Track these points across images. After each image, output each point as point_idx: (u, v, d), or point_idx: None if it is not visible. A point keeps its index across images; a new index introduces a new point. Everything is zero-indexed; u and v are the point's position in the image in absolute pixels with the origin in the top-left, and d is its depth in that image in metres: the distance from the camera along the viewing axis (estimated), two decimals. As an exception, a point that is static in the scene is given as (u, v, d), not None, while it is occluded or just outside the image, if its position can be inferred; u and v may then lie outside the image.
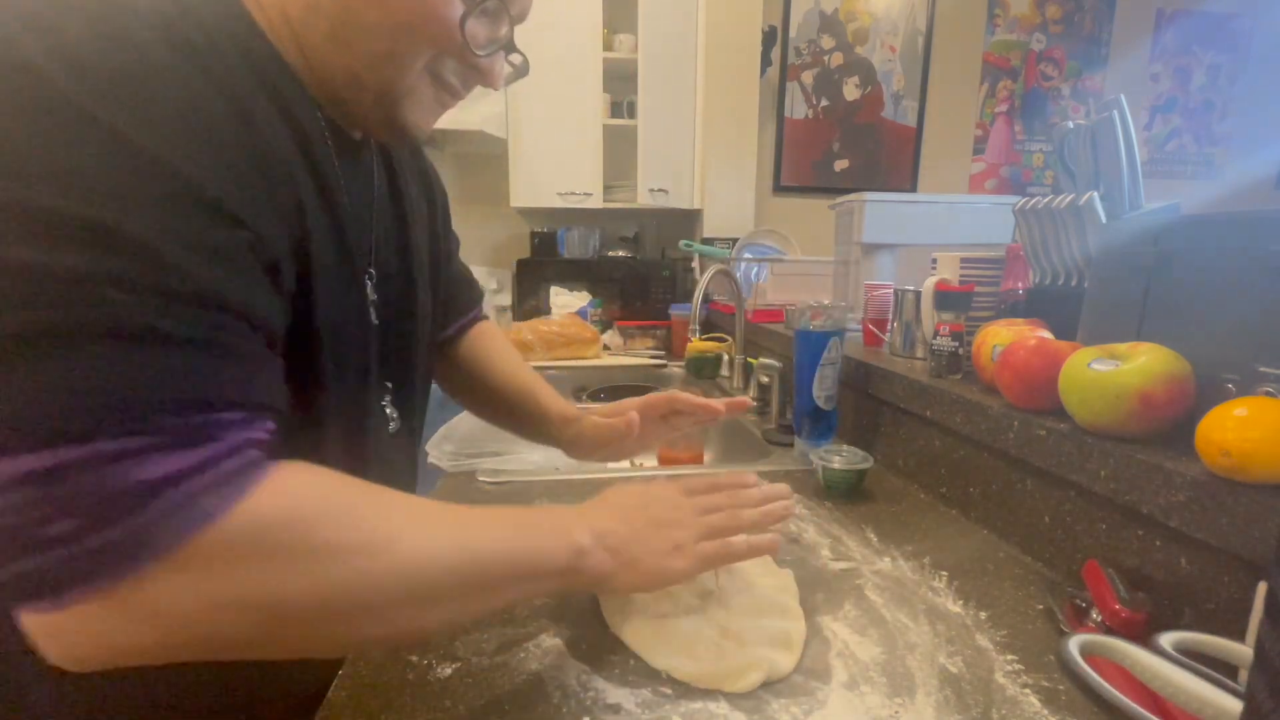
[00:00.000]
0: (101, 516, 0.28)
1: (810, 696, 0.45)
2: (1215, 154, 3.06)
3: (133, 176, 0.31)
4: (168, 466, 0.30)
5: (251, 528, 0.32)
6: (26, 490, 0.27)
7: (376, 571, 0.35)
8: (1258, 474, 0.45)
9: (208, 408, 0.32)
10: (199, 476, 0.31)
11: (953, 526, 0.75)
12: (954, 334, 0.86)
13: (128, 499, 0.29)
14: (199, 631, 0.31)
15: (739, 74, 2.39)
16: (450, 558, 0.39)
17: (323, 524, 0.34)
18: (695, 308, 1.31)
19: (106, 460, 0.28)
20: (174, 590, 0.30)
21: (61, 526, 0.28)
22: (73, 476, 0.28)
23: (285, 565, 0.33)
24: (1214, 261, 0.58)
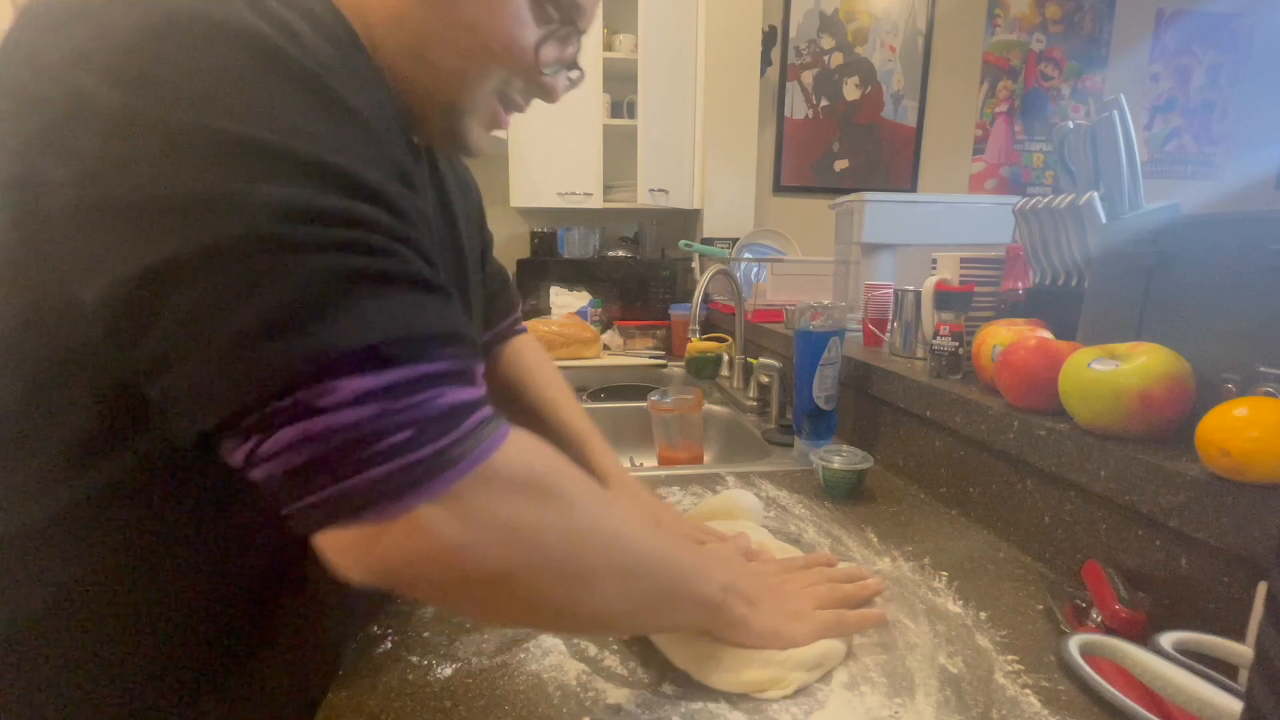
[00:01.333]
0: (432, 428, 0.32)
1: (810, 697, 0.45)
2: (1215, 154, 3.06)
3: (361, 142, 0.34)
4: (464, 395, 0.34)
5: (521, 463, 0.36)
6: (372, 405, 0.31)
7: (600, 527, 0.39)
8: (1258, 474, 0.45)
9: (472, 346, 0.36)
10: (481, 409, 0.35)
11: (953, 526, 0.75)
12: (954, 334, 0.86)
13: (448, 415, 0.33)
14: (481, 554, 0.34)
15: (739, 74, 2.39)
16: (646, 542, 0.42)
17: (566, 476, 0.39)
18: (695, 308, 1.31)
19: (428, 381, 0.32)
20: (471, 506, 0.33)
21: (400, 436, 0.31)
22: (406, 392, 0.32)
23: (548, 501, 0.37)
24: (1214, 261, 0.58)
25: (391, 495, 0.31)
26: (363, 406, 0.30)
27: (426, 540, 0.33)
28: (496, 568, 0.35)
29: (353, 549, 0.32)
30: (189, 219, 0.29)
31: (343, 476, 0.31)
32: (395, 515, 0.32)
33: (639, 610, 0.43)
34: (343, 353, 0.30)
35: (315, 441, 0.30)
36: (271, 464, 0.31)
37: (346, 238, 0.31)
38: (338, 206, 0.31)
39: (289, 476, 0.31)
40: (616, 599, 0.41)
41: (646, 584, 0.42)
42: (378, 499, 0.31)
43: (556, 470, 0.38)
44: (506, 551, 0.35)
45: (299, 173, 0.31)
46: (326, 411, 0.30)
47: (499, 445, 0.35)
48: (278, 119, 0.31)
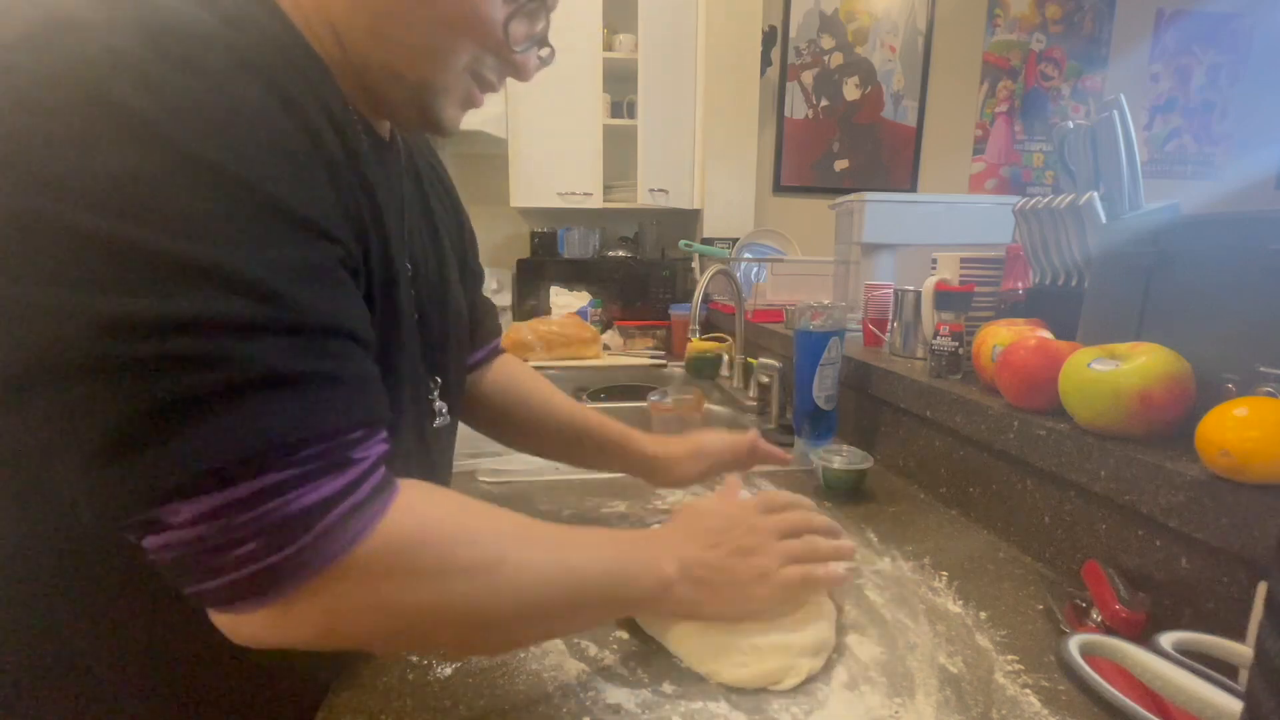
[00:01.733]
0: (277, 538, 0.32)
1: (810, 696, 0.45)
2: (1215, 154, 3.06)
3: (234, 210, 0.32)
4: (321, 492, 0.34)
5: (391, 546, 0.36)
6: (214, 523, 0.31)
7: (494, 587, 0.39)
8: (1258, 474, 0.45)
9: (340, 434, 0.35)
10: (346, 500, 0.35)
11: (953, 526, 0.75)
12: (954, 334, 0.86)
13: (295, 523, 0.33)
14: (349, 631, 0.36)
15: (739, 74, 2.39)
16: (555, 576, 0.42)
17: (449, 543, 0.39)
18: (695, 308, 1.31)
19: (274, 491, 0.32)
20: (330, 599, 0.35)
21: (244, 549, 0.32)
22: (251, 507, 0.32)
23: (420, 579, 0.37)
24: (1214, 261, 0.58)
25: (246, 596, 0.33)
26: (205, 524, 0.31)
27: (290, 629, 0.35)
28: (371, 639, 0.38)
29: (231, 628, 0.35)
30: (33, 329, 0.29)
31: (200, 579, 0.32)
32: (255, 610, 0.33)
33: (565, 628, 0.47)
34: (181, 479, 0.30)
35: (173, 549, 0.32)
36: (151, 556, 0.33)
37: (186, 351, 0.30)
38: (179, 314, 0.30)
39: (165, 568, 0.33)
40: (530, 630, 0.43)
41: (562, 612, 0.43)
42: (236, 599, 0.33)
43: (442, 541, 0.38)
44: (379, 627, 0.37)
45: (141, 275, 0.29)
46: (175, 528, 0.31)
47: (366, 533, 0.35)
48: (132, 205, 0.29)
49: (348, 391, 0.36)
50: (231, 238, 0.31)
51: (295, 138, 0.36)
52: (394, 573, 0.36)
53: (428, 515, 0.39)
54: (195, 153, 0.31)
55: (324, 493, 0.34)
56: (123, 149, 0.30)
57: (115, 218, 0.29)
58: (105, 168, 0.29)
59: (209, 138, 0.31)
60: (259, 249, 0.32)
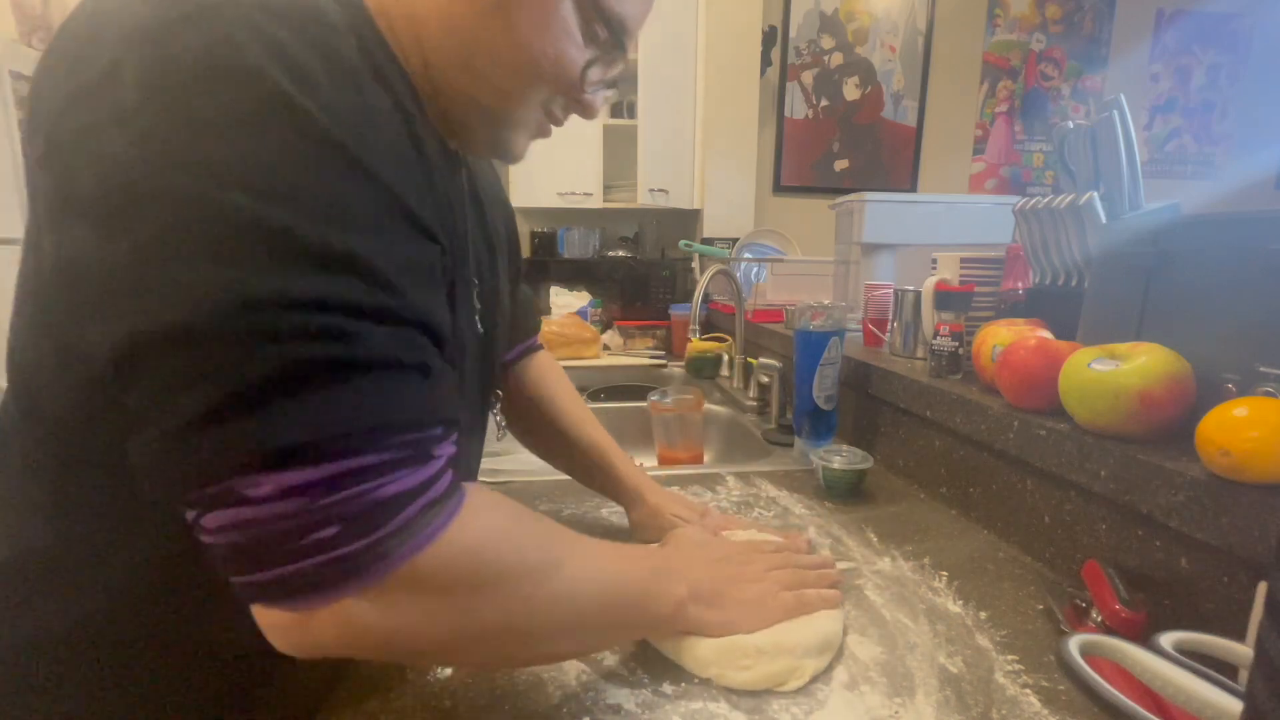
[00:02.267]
0: (361, 523, 0.32)
1: (810, 696, 0.45)
2: (1215, 154, 3.06)
3: (365, 200, 0.33)
4: (405, 484, 0.33)
5: (462, 548, 0.36)
6: (298, 500, 0.30)
7: (542, 597, 0.39)
8: (1258, 474, 0.45)
9: (426, 427, 0.35)
10: (425, 495, 0.34)
11: (953, 526, 0.75)
12: (954, 334, 0.86)
13: (378, 511, 0.32)
14: (413, 634, 0.35)
15: (739, 74, 2.40)
16: (596, 591, 0.43)
17: (512, 549, 0.38)
18: (695, 308, 1.31)
19: (363, 475, 0.32)
20: (401, 597, 0.34)
21: (326, 532, 0.31)
22: (337, 487, 0.31)
23: (485, 584, 0.37)
24: (1214, 261, 0.58)
25: (315, 588, 0.32)
26: (288, 501, 0.30)
27: (351, 630, 0.33)
28: (429, 647, 0.37)
29: (283, 629, 0.33)
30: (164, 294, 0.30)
31: (267, 566, 0.31)
32: (320, 606, 0.32)
33: (592, 645, 0.47)
34: (275, 447, 0.30)
35: (242, 529, 0.31)
36: (209, 538, 0.32)
37: (302, 325, 0.31)
38: (295, 291, 0.30)
39: (222, 552, 0.32)
40: (563, 645, 0.43)
41: (594, 627, 0.44)
42: (302, 590, 0.32)
43: (501, 550, 0.38)
44: (438, 635, 0.36)
45: (263, 249, 0.30)
46: (254, 503, 0.30)
47: (440, 533, 0.35)
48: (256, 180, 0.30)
49: (435, 387, 0.36)
50: (358, 226, 0.32)
51: (407, 142, 0.38)
52: (463, 575, 0.36)
53: (493, 520, 0.39)
54: (336, 141, 0.32)
55: (407, 484, 0.33)
56: (268, 131, 0.31)
57: (250, 195, 0.30)
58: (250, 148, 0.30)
59: (348, 129, 0.33)
60: (380, 240, 0.33)
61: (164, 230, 0.30)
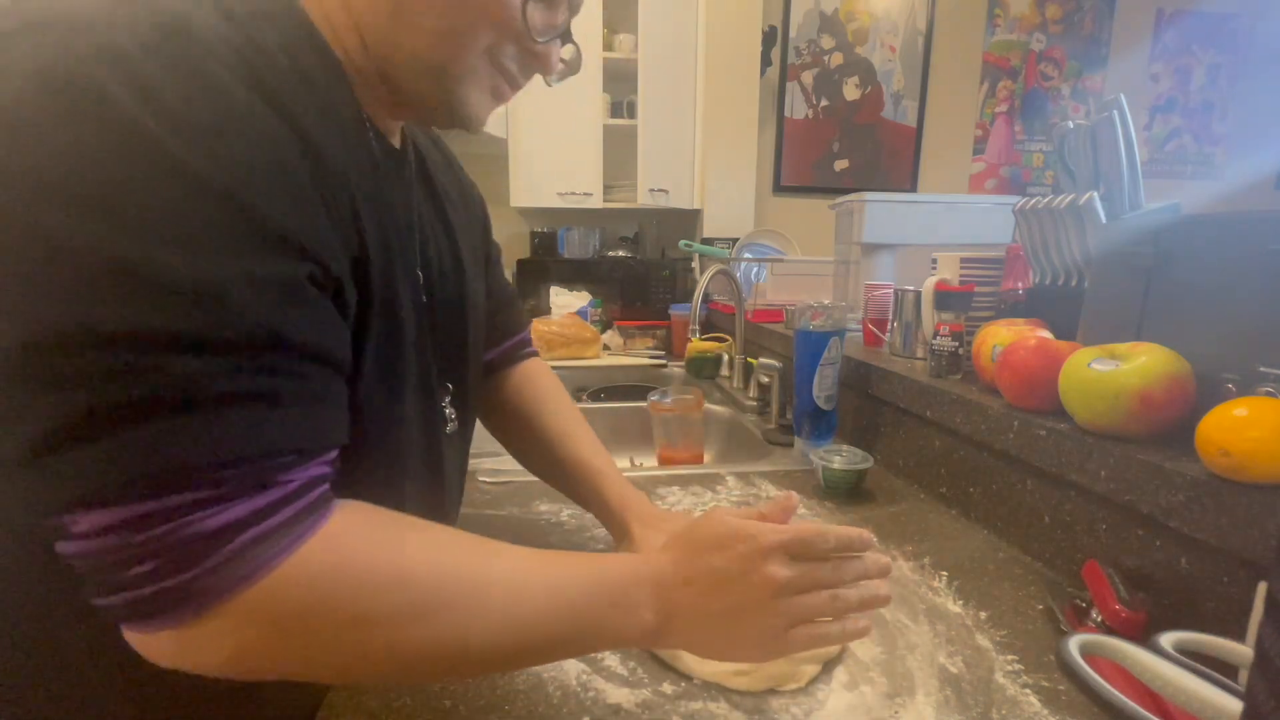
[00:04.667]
0: (176, 561, 0.32)
1: (810, 696, 0.45)
2: (1215, 154, 3.06)
3: (199, 217, 0.31)
4: (231, 515, 0.33)
5: (302, 579, 0.34)
6: (113, 537, 0.31)
7: (425, 637, 0.37)
8: (1258, 474, 0.45)
9: (265, 457, 0.34)
10: (258, 525, 0.33)
11: (953, 526, 0.75)
12: (954, 334, 0.86)
13: (197, 546, 0.32)
14: (259, 665, 0.35)
15: (739, 74, 2.39)
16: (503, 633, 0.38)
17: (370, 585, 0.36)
18: (695, 308, 1.31)
19: (178, 512, 0.31)
20: (232, 628, 0.33)
21: (143, 568, 0.31)
22: (150, 526, 0.31)
23: (334, 620, 0.35)
24: (1214, 261, 0.58)
25: (145, 617, 0.32)
26: (105, 538, 0.31)
27: (197, 654, 0.34)
28: (282, 672, 0.36)
29: (139, 646, 0.34)
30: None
31: (101, 594, 0.32)
32: (154, 632, 0.33)
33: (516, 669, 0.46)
34: (82, 489, 0.30)
35: (78, 559, 0.32)
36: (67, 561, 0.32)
37: (111, 363, 0.30)
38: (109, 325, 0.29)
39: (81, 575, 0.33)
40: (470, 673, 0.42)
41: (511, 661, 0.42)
42: (134, 617, 0.33)
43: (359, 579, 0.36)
44: (288, 665, 0.36)
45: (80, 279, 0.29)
46: (76, 538, 0.31)
47: (273, 564, 0.33)
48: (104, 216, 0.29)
49: (285, 414, 0.34)
50: (189, 245, 0.31)
51: (285, 147, 0.35)
52: (305, 609, 0.34)
53: (355, 549, 0.36)
54: (175, 156, 0.30)
55: (233, 515, 0.33)
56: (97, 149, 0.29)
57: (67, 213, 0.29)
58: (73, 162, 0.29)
59: (192, 143, 0.31)
60: (217, 258, 0.31)
61: None
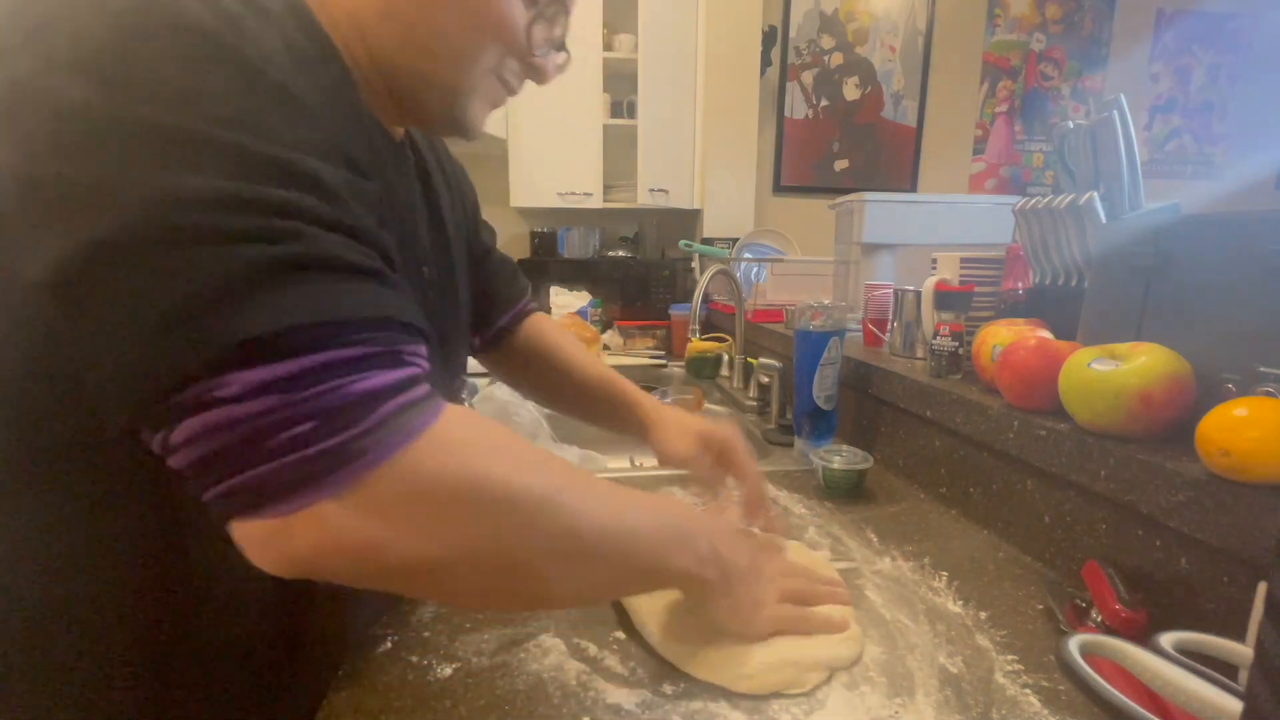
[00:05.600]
0: (337, 418, 0.31)
1: (810, 697, 0.45)
2: (1215, 154, 3.06)
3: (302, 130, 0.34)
4: (378, 381, 0.33)
5: (444, 455, 0.34)
6: (271, 397, 0.30)
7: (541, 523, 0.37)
8: (1258, 474, 0.45)
9: (396, 329, 0.35)
10: (404, 393, 0.34)
11: (953, 526, 0.75)
12: (954, 334, 0.86)
13: (355, 406, 0.31)
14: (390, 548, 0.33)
15: (739, 74, 2.39)
16: (609, 523, 0.40)
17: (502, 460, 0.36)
18: (695, 308, 1.31)
19: (337, 368, 0.31)
20: (380, 499, 0.32)
21: (300, 429, 0.30)
22: (310, 382, 0.30)
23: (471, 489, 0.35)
24: (1214, 261, 0.58)
25: (290, 490, 0.31)
26: (259, 399, 0.30)
27: (331, 536, 0.32)
28: (417, 562, 0.34)
29: (260, 541, 0.32)
30: (113, 205, 0.29)
31: (240, 470, 0.30)
32: (296, 510, 0.31)
33: (602, 588, 0.44)
34: (239, 343, 0.29)
35: (214, 434, 0.30)
36: (179, 455, 0.31)
37: (259, 226, 0.31)
38: (254, 195, 0.31)
39: (195, 467, 0.31)
40: (570, 583, 0.40)
41: (605, 566, 0.41)
42: (276, 493, 0.31)
43: (491, 461, 0.36)
44: (427, 548, 0.34)
45: (219, 160, 0.31)
46: (224, 404, 0.30)
47: (421, 432, 0.33)
48: (204, 106, 0.31)
49: (395, 294, 0.36)
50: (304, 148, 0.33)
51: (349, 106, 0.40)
52: (448, 482, 0.34)
53: (482, 429, 0.37)
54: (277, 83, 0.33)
55: (381, 382, 0.33)
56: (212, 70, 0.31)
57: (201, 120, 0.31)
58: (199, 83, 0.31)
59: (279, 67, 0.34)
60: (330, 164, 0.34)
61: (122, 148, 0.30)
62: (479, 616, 0.54)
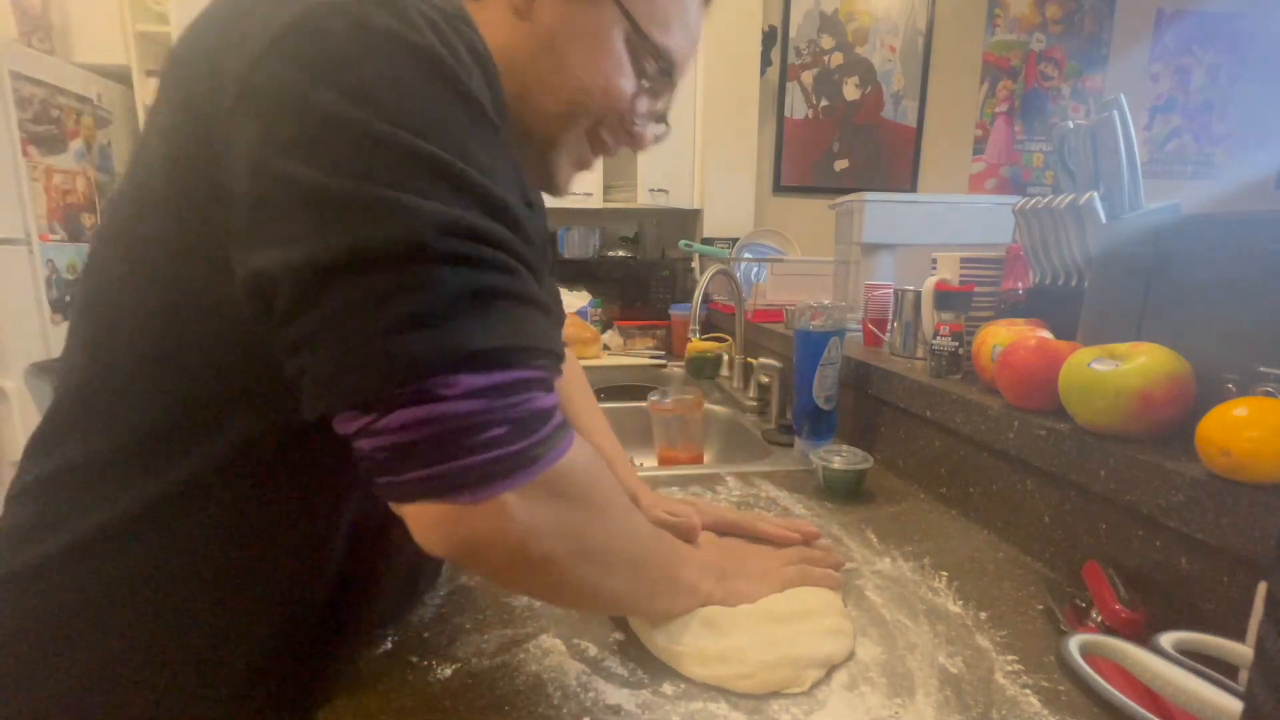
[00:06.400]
0: (523, 427, 0.36)
1: (810, 697, 0.45)
2: (1215, 154, 3.06)
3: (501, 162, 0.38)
4: (549, 400, 0.38)
5: (580, 468, 0.40)
6: (482, 400, 0.35)
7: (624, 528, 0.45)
8: (1258, 474, 0.45)
9: (553, 355, 0.39)
10: (556, 416, 0.39)
11: (953, 526, 0.75)
12: (954, 334, 0.86)
13: (536, 418, 0.37)
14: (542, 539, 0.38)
15: (739, 74, 2.39)
16: (650, 539, 0.49)
17: (607, 478, 0.44)
18: (695, 308, 1.31)
19: (525, 385, 0.36)
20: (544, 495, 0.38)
21: (497, 431, 0.35)
22: (508, 393, 0.36)
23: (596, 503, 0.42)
24: (1214, 261, 0.58)
25: (484, 481, 0.35)
26: (474, 400, 0.34)
27: (503, 523, 0.36)
28: (547, 553, 0.39)
29: (441, 524, 0.36)
30: (368, 217, 0.33)
31: (446, 459, 0.34)
32: (484, 499, 0.35)
33: (639, 592, 0.49)
34: (469, 352, 0.34)
35: (429, 425, 0.34)
36: (383, 438, 0.34)
37: (488, 256, 0.36)
38: (487, 228, 0.36)
39: (397, 450, 0.34)
40: (625, 583, 0.46)
41: (647, 571, 0.48)
42: (473, 483, 0.35)
43: (601, 477, 0.43)
44: (557, 541, 0.39)
45: (463, 192, 0.35)
46: (445, 400, 0.34)
47: (567, 450, 0.39)
48: (451, 139, 0.35)
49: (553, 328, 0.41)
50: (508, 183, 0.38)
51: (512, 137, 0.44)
52: (583, 489, 0.40)
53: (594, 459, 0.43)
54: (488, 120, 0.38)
55: (548, 403, 0.38)
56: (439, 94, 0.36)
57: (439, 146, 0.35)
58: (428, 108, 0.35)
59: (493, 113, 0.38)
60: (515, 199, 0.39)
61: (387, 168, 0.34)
62: (479, 617, 0.54)
